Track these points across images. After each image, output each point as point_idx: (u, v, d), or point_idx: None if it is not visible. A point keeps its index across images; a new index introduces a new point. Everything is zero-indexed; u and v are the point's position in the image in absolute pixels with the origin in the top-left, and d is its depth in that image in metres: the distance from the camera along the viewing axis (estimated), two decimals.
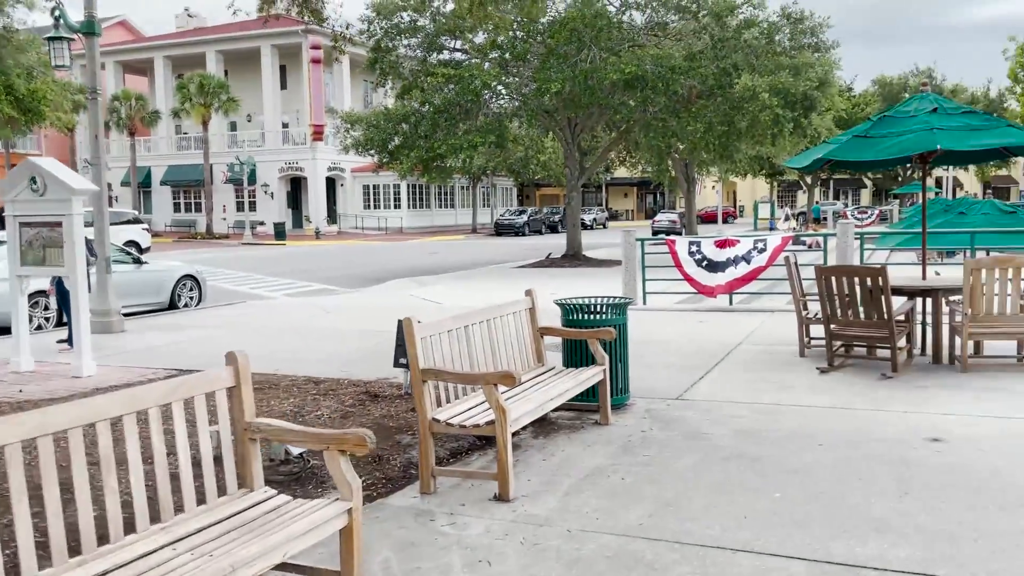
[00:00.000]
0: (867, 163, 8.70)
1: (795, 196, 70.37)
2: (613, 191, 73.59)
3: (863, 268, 7.10)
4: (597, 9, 19.28)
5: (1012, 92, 53.40)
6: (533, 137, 30.82)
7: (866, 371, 7.36)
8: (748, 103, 18.24)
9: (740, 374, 7.46)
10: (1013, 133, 7.06)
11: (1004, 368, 7.23)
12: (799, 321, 8.24)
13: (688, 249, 11.77)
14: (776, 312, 11.27)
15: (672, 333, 9.89)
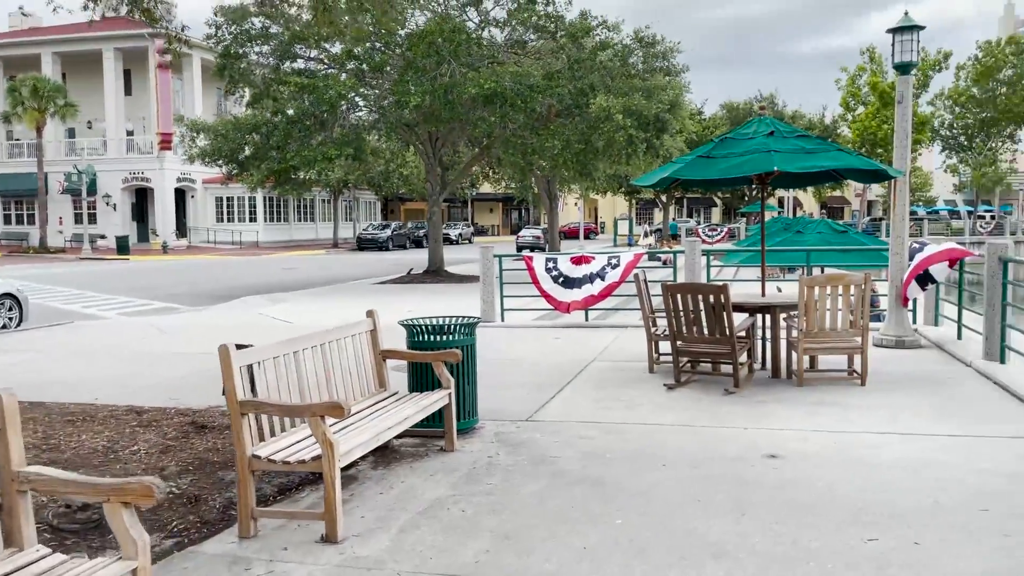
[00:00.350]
0: (712, 182, 8.92)
1: (652, 213, 73.04)
2: (479, 206, 73.91)
3: (706, 285, 7.21)
4: (456, 24, 19.18)
5: (844, 119, 57.72)
6: (394, 150, 30.37)
7: (711, 387, 7.47)
8: (604, 123, 18.61)
9: (591, 392, 7.41)
10: (842, 157, 7.38)
11: (836, 382, 7.52)
12: (648, 338, 8.30)
13: (545, 265, 11.74)
14: (629, 328, 11.41)
15: (527, 350, 9.79)
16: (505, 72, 18.70)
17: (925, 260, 9.00)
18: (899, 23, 9.19)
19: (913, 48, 9.13)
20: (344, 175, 37.44)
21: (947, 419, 6.11)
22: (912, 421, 6.07)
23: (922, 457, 5.22)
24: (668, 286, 7.34)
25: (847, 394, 7.02)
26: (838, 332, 7.27)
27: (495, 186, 40.09)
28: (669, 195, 59.36)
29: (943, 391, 7.06)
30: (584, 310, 11.82)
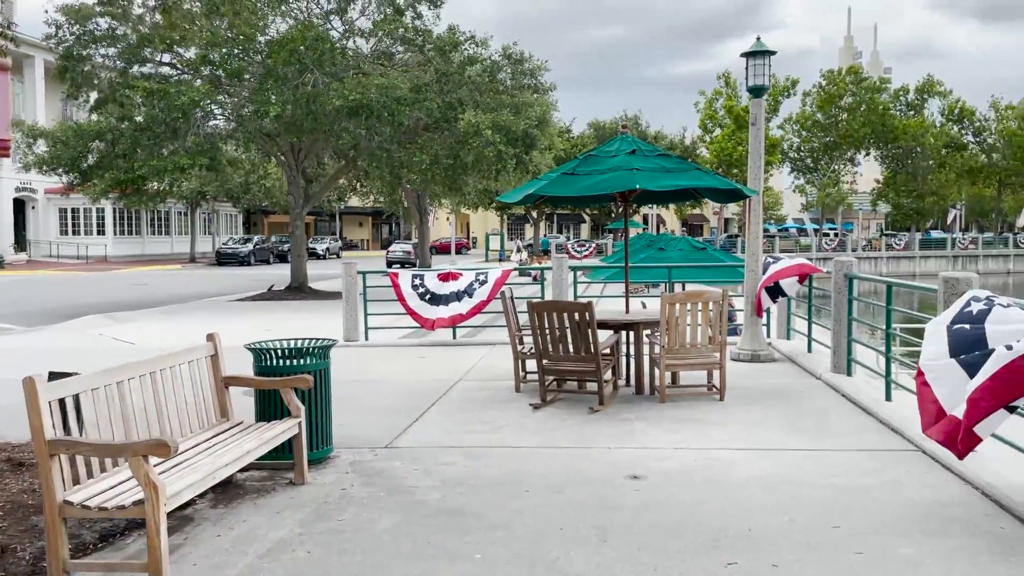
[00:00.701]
0: (577, 198, 8.93)
1: (524, 229, 73.90)
2: (348, 220, 72.47)
3: (571, 303, 7.14)
4: (319, 32, 18.62)
5: (703, 140, 60.48)
6: (254, 161, 29.19)
7: (576, 405, 7.38)
8: (472, 138, 18.51)
9: (455, 414, 7.16)
10: (701, 176, 7.50)
11: (696, 397, 7.60)
12: (515, 356, 8.15)
13: (411, 282, 11.43)
14: (498, 345, 11.26)
15: (391, 371, 9.44)
16: (371, 83, 18.30)
17: (777, 273, 9.31)
18: (752, 48, 9.52)
19: (765, 72, 9.47)
20: (200, 186, 35.66)
21: (800, 432, 6.24)
22: (768, 436, 6.17)
23: (778, 473, 5.27)
24: (533, 304, 7.22)
25: (707, 409, 7.09)
26: (698, 348, 7.36)
27: (363, 200, 39.31)
28: (540, 211, 60.23)
29: (796, 404, 7.25)
30: (452, 327, 11.59)
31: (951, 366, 4.23)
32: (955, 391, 4.17)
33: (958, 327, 4.31)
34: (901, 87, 62.64)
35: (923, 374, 4.41)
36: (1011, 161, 60.45)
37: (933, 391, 4.31)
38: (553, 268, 11.26)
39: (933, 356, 4.36)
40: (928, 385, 4.35)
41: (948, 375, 4.23)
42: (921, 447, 5.66)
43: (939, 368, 4.28)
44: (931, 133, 60.46)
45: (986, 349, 4.11)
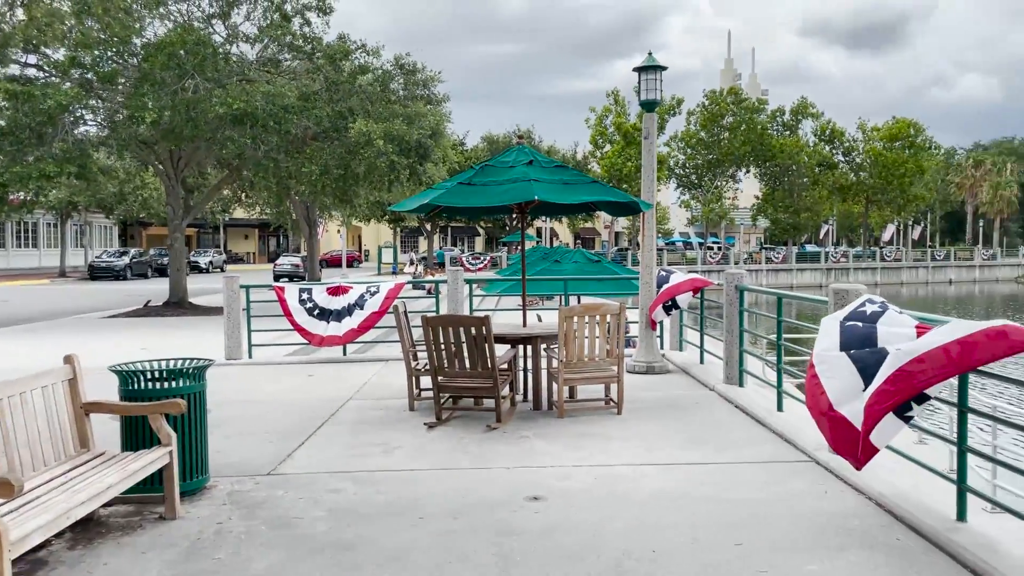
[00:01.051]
0: (474, 209, 8.72)
1: (418, 242, 73.24)
2: (233, 233, 69.93)
3: (467, 317, 6.90)
4: (200, 36, 17.75)
5: (594, 156, 61.66)
6: (129, 170, 27.64)
7: (473, 423, 7.14)
8: (364, 148, 18.05)
9: (345, 436, 6.78)
10: (599, 190, 7.43)
11: (594, 411, 7.49)
12: (408, 373, 7.84)
13: (299, 297, 10.93)
14: (391, 361, 10.90)
15: (277, 391, 8.94)
16: (256, 91, 17.59)
17: (672, 288, 9.37)
18: (644, 63, 9.58)
19: (657, 87, 9.55)
20: (70, 196, 33.50)
21: (698, 446, 6.21)
22: (667, 450, 6.10)
23: (679, 488, 5.18)
24: (428, 318, 6.94)
25: (606, 424, 6.99)
26: (596, 361, 7.26)
27: (249, 211, 37.92)
28: (434, 223, 59.83)
29: (692, 416, 7.25)
30: (343, 344, 11.14)
31: (841, 359, 4.28)
32: (844, 385, 4.22)
33: (851, 323, 4.37)
34: (777, 108, 65.75)
35: (814, 366, 4.43)
36: (877, 179, 64.36)
37: (821, 382, 4.34)
38: (448, 281, 11.00)
39: (825, 348, 4.40)
40: (817, 377, 4.38)
41: (837, 368, 4.28)
42: (814, 457, 5.71)
43: (830, 359, 4.32)
44: (805, 152, 63.68)
45: (875, 347, 4.18)
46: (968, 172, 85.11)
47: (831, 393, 4.27)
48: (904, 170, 63.37)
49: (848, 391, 4.19)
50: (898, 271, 66.31)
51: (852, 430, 4.16)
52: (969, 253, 72.30)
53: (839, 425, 4.20)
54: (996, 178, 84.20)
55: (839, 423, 4.20)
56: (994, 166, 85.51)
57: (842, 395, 4.22)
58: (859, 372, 4.18)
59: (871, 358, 4.17)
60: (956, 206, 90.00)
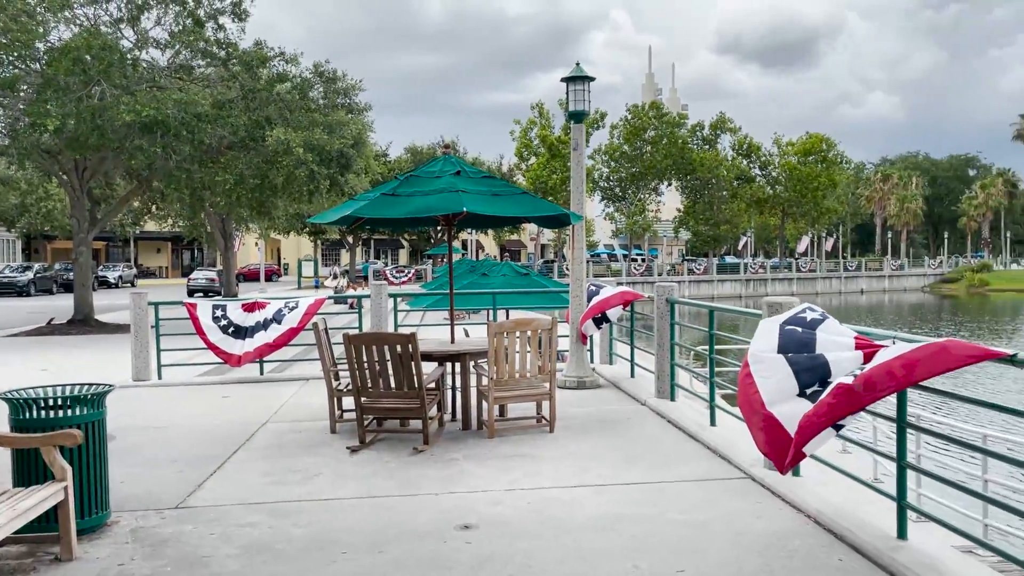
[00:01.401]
0: (398, 221, 8.37)
1: (339, 254, 71.99)
2: (144, 246, 67.35)
3: (391, 335, 6.58)
4: (107, 41, 16.92)
5: (519, 168, 61.84)
6: (32, 181, 26.21)
7: (399, 445, 6.81)
8: (282, 157, 17.48)
9: (261, 463, 6.36)
10: (529, 201, 7.23)
11: (526, 430, 7.25)
12: (330, 393, 7.45)
13: (212, 314, 10.37)
14: (311, 380, 10.45)
15: (188, 414, 8.41)
16: (167, 98, 16.84)
17: (603, 302, 9.23)
18: (571, 73, 9.46)
19: (585, 98, 9.43)
20: None
21: (634, 464, 6.03)
22: (602, 470, 5.90)
23: (616, 511, 4.97)
24: (350, 336, 6.58)
25: (537, 443, 6.75)
26: (527, 379, 7.02)
27: (161, 224, 36.49)
28: (356, 236, 58.89)
29: (625, 433, 7.08)
30: (259, 360, 10.63)
31: (778, 360, 4.21)
32: (778, 386, 4.16)
33: (790, 328, 4.29)
34: (697, 123, 67.32)
35: (748, 364, 4.34)
36: (792, 193, 66.46)
37: (756, 382, 4.25)
38: (371, 296, 10.62)
39: (761, 349, 4.32)
40: (752, 376, 4.28)
41: (773, 369, 4.21)
42: (750, 473, 5.59)
43: (767, 359, 4.24)
44: (724, 166, 65.33)
45: (813, 353, 4.13)
46: (877, 186, 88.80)
47: (765, 393, 4.19)
48: (817, 184, 65.63)
49: (782, 392, 4.13)
50: (813, 281, 68.52)
51: (782, 433, 4.08)
52: (879, 264, 75.35)
53: (770, 425, 4.12)
54: (903, 191, 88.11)
55: (770, 423, 4.13)
56: (900, 180, 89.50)
57: (776, 395, 4.15)
58: (795, 375, 4.13)
59: (807, 363, 4.11)
60: (866, 218, 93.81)
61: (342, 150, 18.18)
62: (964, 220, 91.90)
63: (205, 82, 19.25)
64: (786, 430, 4.08)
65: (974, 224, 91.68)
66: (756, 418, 4.21)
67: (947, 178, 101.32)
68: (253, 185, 18.48)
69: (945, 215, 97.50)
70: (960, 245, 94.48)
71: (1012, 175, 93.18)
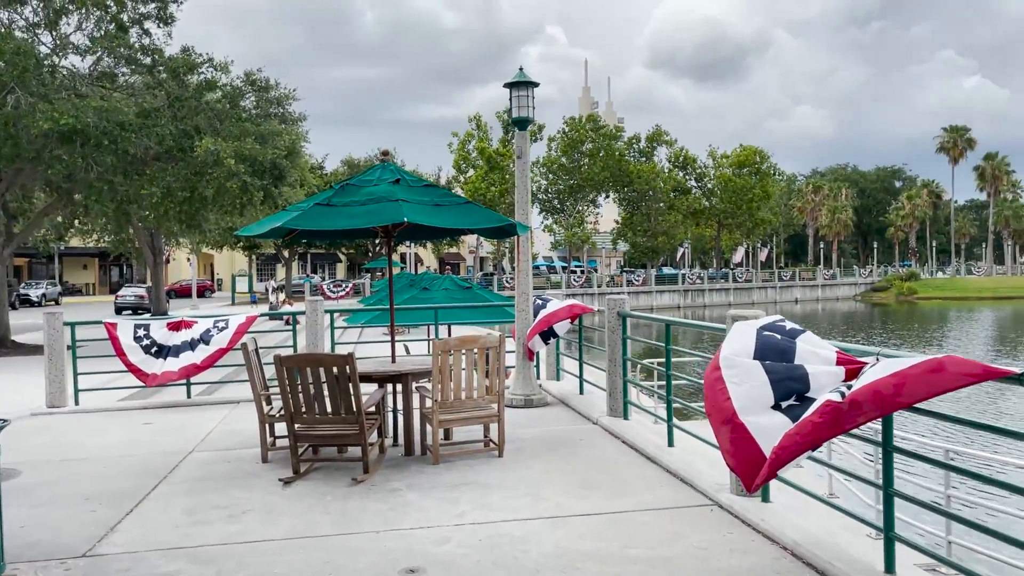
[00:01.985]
0: (333, 233, 7.89)
1: (275, 269, 70.34)
2: (70, 263, 64.69)
3: (327, 356, 6.09)
4: (22, 46, 15.96)
5: (457, 180, 61.40)
6: None
7: (337, 475, 6.29)
8: (212, 168, 16.71)
9: (185, 498, 5.78)
10: (472, 211, 6.82)
11: (474, 455, 6.81)
12: (260, 419, 6.89)
13: (134, 333, 9.69)
14: (242, 403, 9.81)
15: (105, 444, 7.73)
16: (88, 106, 15.97)
17: (550, 316, 8.86)
18: (515, 78, 9.11)
19: (529, 104, 9.09)
20: None
21: (589, 492, 5.64)
22: (556, 499, 5.49)
23: (575, 548, 4.57)
24: (282, 358, 6.06)
25: (486, 469, 6.32)
26: (474, 400, 6.59)
27: (86, 239, 34.93)
28: (292, 250, 57.60)
29: (578, 456, 6.70)
30: (185, 381, 9.95)
31: (754, 366, 3.90)
32: (752, 393, 3.83)
33: (768, 334, 3.99)
34: (634, 135, 67.95)
35: (719, 368, 4.00)
36: (727, 204, 67.53)
37: (727, 387, 3.90)
38: (307, 312, 10.04)
39: (735, 352, 3.99)
40: (723, 380, 3.94)
41: (748, 375, 3.89)
42: (716, 500, 5.25)
43: (741, 364, 3.92)
44: (661, 178, 66.02)
45: (792, 363, 3.81)
46: (809, 197, 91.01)
47: (737, 399, 3.85)
48: (752, 195, 66.83)
49: (755, 401, 3.80)
50: (749, 291, 69.68)
51: (753, 446, 3.75)
52: (812, 273, 77.06)
53: (740, 436, 3.78)
54: (833, 202, 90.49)
55: (740, 434, 3.78)
56: (831, 191, 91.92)
57: (749, 403, 3.82)
58: (771, 384, 3.81)
59: (785, 372, 3.80)
60: (798, 229, 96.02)
61: (275, 161, 17.49)
62: (892, 230, 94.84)
63: (129, 90, 18.39)
64: (757, 444, 3.75)
65: (901, 234, 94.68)
66: (725, 427, 3.88)
67: (874, 189, 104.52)
68: (182, 198, 17.64)
69: (873, 225, 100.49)
70: (888, 254, 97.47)
71: (936, 186, 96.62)
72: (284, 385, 6.10)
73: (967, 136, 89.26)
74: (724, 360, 3.93)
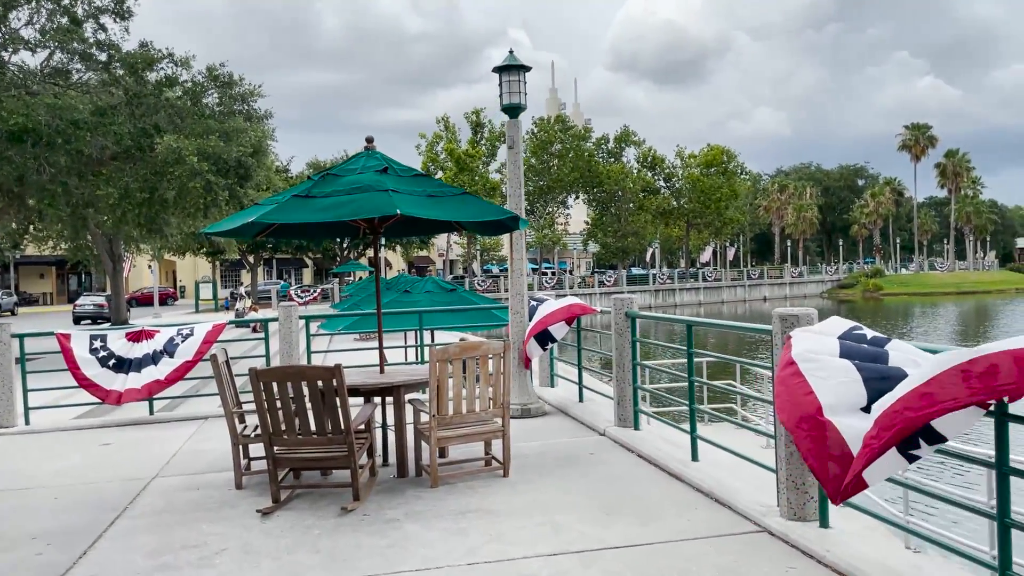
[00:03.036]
0: (313, 228, 7.07)
1: (239, 275, 68.79)
2: (26, 271, 62.64)
3: (311, 368, 5.35)
4: None
5: None
6: None
7: (323, 503, 5.55)
8: (174, 167, 15.79)
9: (148, 536, 5.00)
10: (471, 203, 6.11)
11: (475, 476, 6.10)
12: (233, 440, 6.12)
13: (89, 346, 8.84)
14: (211, 418, 9.01)
15: (57, 469, 6.89)
16: (39, 103, 14.99)
17: (546, 318, 8.20)
18: (505, 62, 8.44)
19: (520, 89, 8.43)
20: None
21: (615, 518, 4.96)
22: (579, 527, 4.80)
23: None
24: (259, 372, 5.30)
25: (492, 492, 5.61)
26: (476, 413, 5.89)
27: (41, 247, 33.53)
28: (257, 255, 56.29)
29: (592, 473, 6.03)
30: (147, 399, 9.11)
31: (841, 363, 3.34)
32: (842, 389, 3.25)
33: (849, 342, 3.45)
34: (602, 136, 67.61)
35: (794, 363, 3.43)
36: (696, 203, 67.46)
37: (808, 381, 3.33)
38: (280, 319, 9.25)
39: (813, 350, 3.39)
40: (802, 374, 3.37)
41: (833, 369, 3.32)
42: (764, 526, 4.60)
43: (822, 359, 3.37)
44: (630, 178, 65.74)
45: (887, 364, 3.28)
46: (774, 196, 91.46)
47: (823, 394, 3.26)
48: (720, 195, 66.82)
49: (847, 398, 3.23)
50: (719, 290, 69.75)
51: (844, 449, 3.14)
52: (779, 272, 77.38)
53: (826, 435, 3.18)
54: (799, 201, 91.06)
55: (827, 432, 3.18)
56: (796, 190, 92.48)
57: (838, 400, 3.24)
58: (863, 382, 3.23)
59: (878, 372, 3.22)
60: (764, 228, 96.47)
61: (241, 159, 16.61)
62: (856, 228, 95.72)
63: (84, 88, 17.39)
64: (848, 447, 3.15)
65: (865, 231, 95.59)
66: (805, 425, 3.26)
67: (838, 188, 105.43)
68: (140, 199, 16.66)
69: (837, 223, 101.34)
70: (852, 252, 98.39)
71: (898, 184, 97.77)
72: (261, 402, 5.35)
73: (928, 134, 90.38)
74: (799, 356, 3.35)
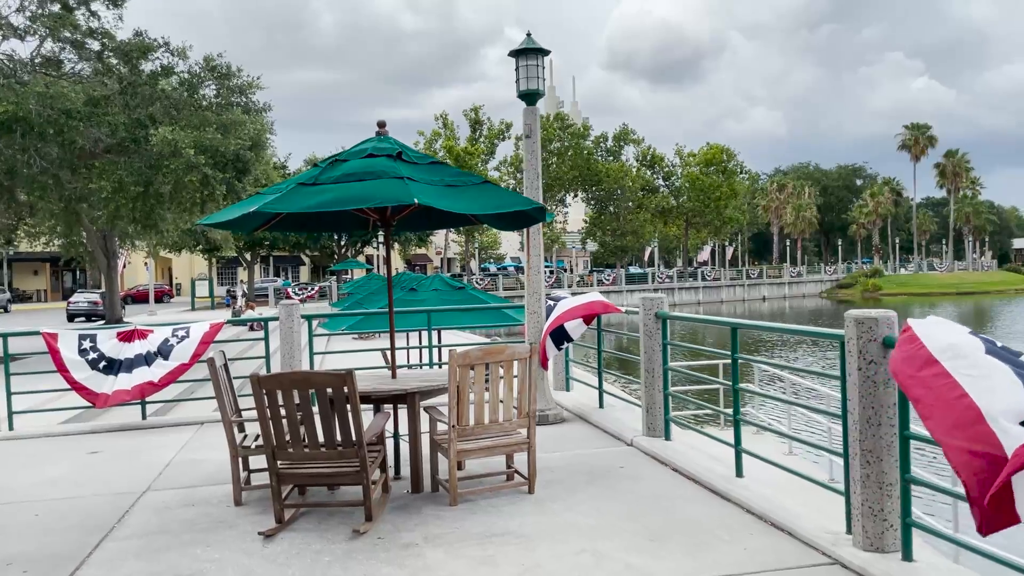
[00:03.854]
0: (318, 218, 6.51)
1: (236, 272, 68.13)
2: (20, 268, 61.92)
3: (320, 375, 4.82)
4: None
5: None
6: None
7: (331, 523, 5.02)
8: (170, 160, 15.23)
9: (136, 563, 4.47)
10: (492, 193, 5.57)
11: (497, 492, 5.56)
12: (232, 452, 5.58)
13: (79, 346, 8.31)
14: (207, 424, 8.48)
15: (40, 481, 6.36)
16: (30, 92, 14.42)
17: (564, 314, 7.67)
18: (522, 45, 7.92)
19: (538, 74, 7.90)
20: None
21: (663, 545, 4.43)
22: (624, 557, 4.27)
23: None
24: (261, 379, 4.77)
25: (518, 512, 5.08)
26: (499, 423, 5.36)
27: (34, 243, 32.91)
28: (254, 252, 55.71)
29: (628, 490, 5.50)
30: (140, 401, 8.59)
31: (991, 362, 2.81)
32: (1002, 391, 2.70)
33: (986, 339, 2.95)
34: (601, 134, 67.07)
35: (937, 362, 2.91)
36: (695, 202, 67.00)
37: (960, 382, 2.81)
38: (281, 319, 8.70)
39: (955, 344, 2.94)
40: (949, 374, 2.84)
41: (987, 368, 2.79)
42: (835, 556, 4.07)
43: (971, 357, 2.85)
44: (629, 177, 65.23)
45: None
46: (773, 195, 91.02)
47: (979, 396, 2.72)
48: (720, 193, 66.36)
49: (1009, 403, 2.66)
50: (718, 290, 69.28)
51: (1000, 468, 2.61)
52: (778, 271, 76.96)
53: (987, 448, 2.63)
54: (797, 201, 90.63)
55: (987, 444, 2.64)
56: (795, 189, 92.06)
57: (999, 405, 2.68)
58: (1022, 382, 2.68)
59: None
60: (762, 227, 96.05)
61: (239, 152, 16.05)
62: (854, 228, 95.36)
63: (76, 77, 16.83)
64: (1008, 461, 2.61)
65: (864, 231, 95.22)
66: (963, 433, 2.70)
67: (836, 187, 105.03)
68: (135, 193, 16.10)
69: (836, 223, 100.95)
70: (850, 252, 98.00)
71: (897, 184, 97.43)
72: (263, 412, 4.82)
73: (928, 134, 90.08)
74: (941, 353, 2.82)
